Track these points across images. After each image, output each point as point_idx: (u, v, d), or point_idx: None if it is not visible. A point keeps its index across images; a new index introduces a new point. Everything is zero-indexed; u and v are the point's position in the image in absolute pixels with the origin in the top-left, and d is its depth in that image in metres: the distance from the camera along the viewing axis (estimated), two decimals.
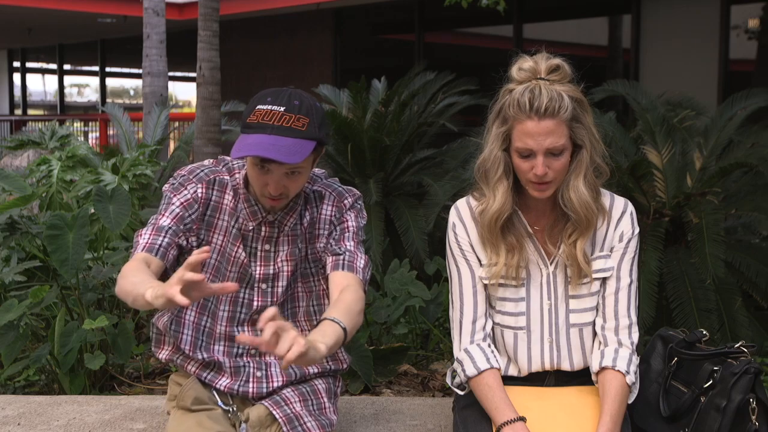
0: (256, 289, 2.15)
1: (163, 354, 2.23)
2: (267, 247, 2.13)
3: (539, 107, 1.94)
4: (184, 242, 2.08)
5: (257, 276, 2.14)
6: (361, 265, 2.12)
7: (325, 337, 1.80)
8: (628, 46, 9.15)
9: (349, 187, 2.22)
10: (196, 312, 2.15)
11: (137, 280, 1.87)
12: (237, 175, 2.14)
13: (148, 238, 2.04)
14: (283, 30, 12.76)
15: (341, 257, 2.11)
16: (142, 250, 2.02)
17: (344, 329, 1.87)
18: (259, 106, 1.99)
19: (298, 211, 2.14)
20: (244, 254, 2.13)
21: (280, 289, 2.15)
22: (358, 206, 2.20)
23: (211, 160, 2.20)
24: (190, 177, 2.12)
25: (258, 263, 2.14)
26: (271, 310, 1.64)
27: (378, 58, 12.52)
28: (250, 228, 2.12)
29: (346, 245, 2.13)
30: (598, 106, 4.35)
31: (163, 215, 2.08)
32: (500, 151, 2.03)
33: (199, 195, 2.10)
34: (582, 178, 2.01)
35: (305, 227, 2.16)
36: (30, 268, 3.55)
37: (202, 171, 2.13)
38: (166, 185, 2.14)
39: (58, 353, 3.23)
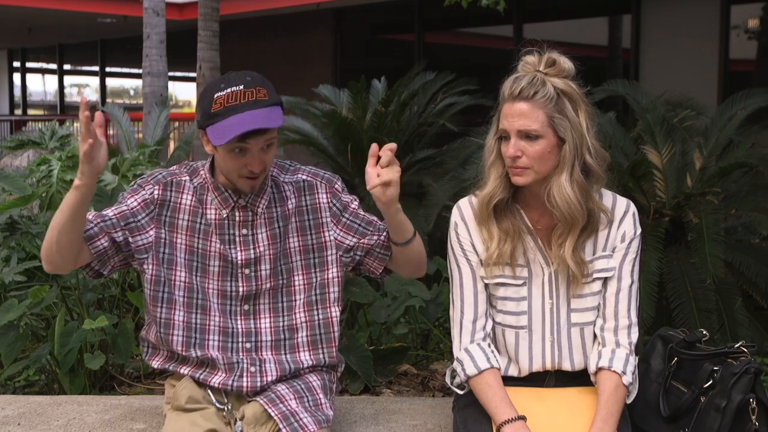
0: (240, 275, 2.18)
1: (157, 362, 2.25)
2: (244, 231, 2.18)
3: (515, 90, 2.00)
4: (120, 237, 2.11)
5: (239, 261, 2.17)
6: None
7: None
8: (628, 46, 9.14)
9: (329, 172, 2.32)
10: (185, 311, 2.18)
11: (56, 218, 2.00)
12: (202, 173, 2.19)
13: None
14: (283, 30, 12.76)
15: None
16: None
17: (414, 231, 2.15)
18: (217, 94, 2.04)
19: (268, 192, 2.19)
20: (219, 243, 2.16)
21: (263, 273, 2.18)
22: (344, 186, 2.32)
23: (176, 165, 2.26)
24: (149, 179, 2.20)
25: (238, 248, 2.17)
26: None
27: (378, 58, 12.52)
28: (225, 216, 2.17)
29: (379, 223, 2.24)
30: (598, 106, 4.33)
31: (110, 209, 2.14)
32: (494, 138, 2.09)
33: (156, 196, 2.17)
34: (565, 175, 2.00)
35: (290, 212, 2.20)
36: (30, 268, 3.54)
37: (161, 174, 2.21)
38: (127, 190, 2.20)
39: (58, 353, 3.22)
